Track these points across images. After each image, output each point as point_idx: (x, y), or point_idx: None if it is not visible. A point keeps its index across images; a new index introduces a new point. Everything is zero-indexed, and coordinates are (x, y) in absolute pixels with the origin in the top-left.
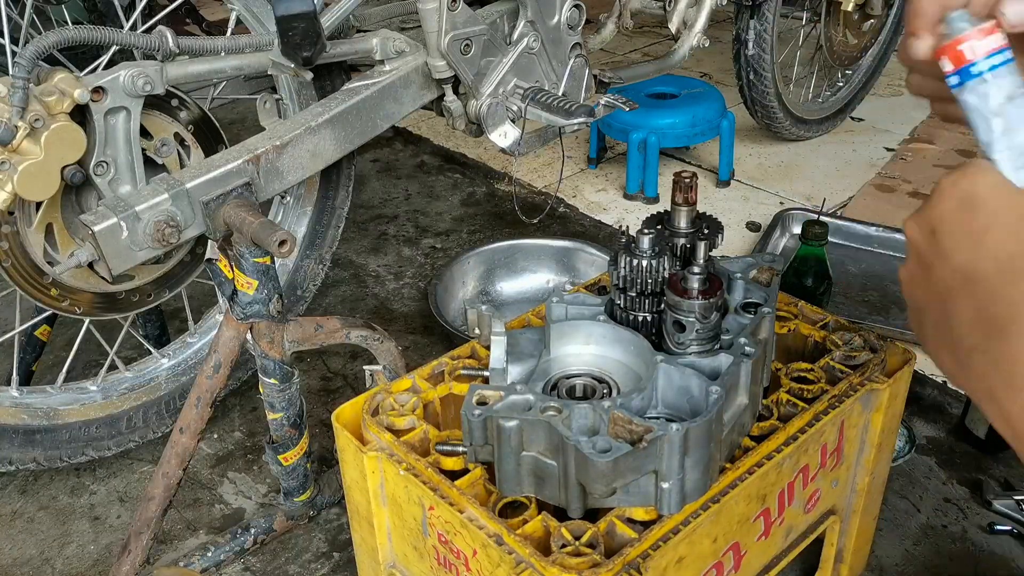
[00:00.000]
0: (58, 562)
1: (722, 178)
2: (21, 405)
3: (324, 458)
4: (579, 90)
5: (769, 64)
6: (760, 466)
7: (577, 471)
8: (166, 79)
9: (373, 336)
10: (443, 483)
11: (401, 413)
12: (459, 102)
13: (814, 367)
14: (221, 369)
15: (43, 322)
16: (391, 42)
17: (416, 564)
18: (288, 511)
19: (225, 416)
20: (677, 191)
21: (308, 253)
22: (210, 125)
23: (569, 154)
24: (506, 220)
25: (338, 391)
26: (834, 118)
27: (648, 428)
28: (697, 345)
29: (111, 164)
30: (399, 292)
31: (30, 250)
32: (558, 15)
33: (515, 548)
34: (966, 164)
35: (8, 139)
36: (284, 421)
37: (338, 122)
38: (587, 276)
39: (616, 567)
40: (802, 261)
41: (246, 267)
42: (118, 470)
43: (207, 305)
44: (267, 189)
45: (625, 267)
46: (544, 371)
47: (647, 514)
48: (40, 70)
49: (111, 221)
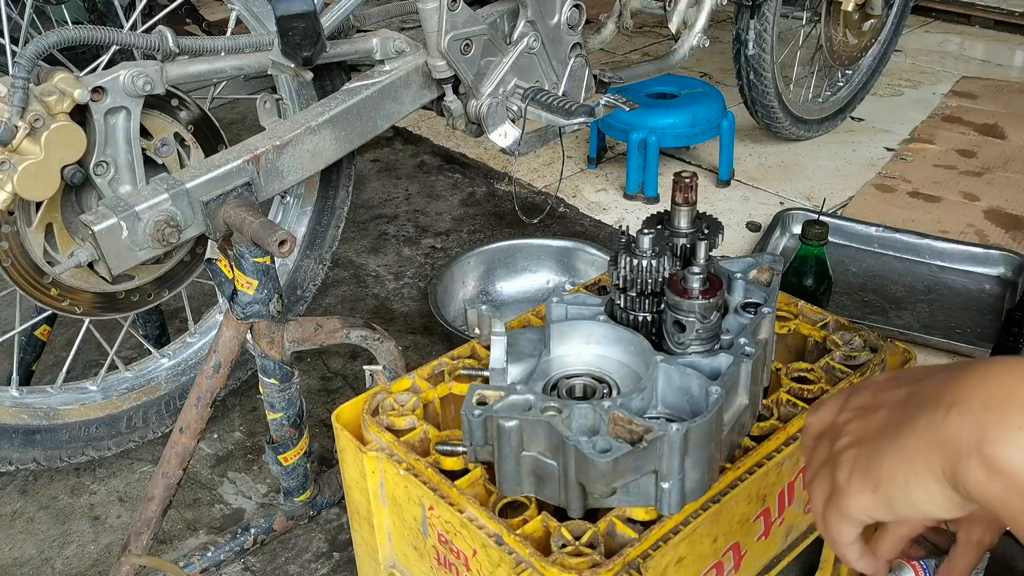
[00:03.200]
0: (58, 562)
1: (722, 178)
2: (21, 405)
3: (324, 458)
4: (579, 90)
5: (769, 64)
6: (760, 466)
7: (577, 471)
8: (166, 79)
9: (373, 336)
10: (443, 483)
11: (401, 413)
12: (459, 102)
13: (814, 367)
14: (221, 369)
15: (43, 322)
16: (391, 42)
17: (416, 564)
18: (288, 511)
19: (225, 416)
20: (677, 191)
21: (308, 253)
22: (210, 125)
23: (569, 154)
24: (506, 220)
25: (338, 391)
26: (834, 118)
27: (648, 428)
28: (697, 345)
29: (111, 164)
30: (399, 292)
31: (30, 250)
32: (558, 15)
33: (515, 548)
34: None
35: (8, 139)
36: (284, 421)
37: (338, 122)
38: (587, 276)
39: (616, 567)
40: (802, 261)
41: (246, 267)
42: (118, 470)
43: (207, 305)
44: (267, 189)
45: (625, 267)
46: (544, 371)
47: (647, 514)
48: (40, 70)
49: (111, 221)
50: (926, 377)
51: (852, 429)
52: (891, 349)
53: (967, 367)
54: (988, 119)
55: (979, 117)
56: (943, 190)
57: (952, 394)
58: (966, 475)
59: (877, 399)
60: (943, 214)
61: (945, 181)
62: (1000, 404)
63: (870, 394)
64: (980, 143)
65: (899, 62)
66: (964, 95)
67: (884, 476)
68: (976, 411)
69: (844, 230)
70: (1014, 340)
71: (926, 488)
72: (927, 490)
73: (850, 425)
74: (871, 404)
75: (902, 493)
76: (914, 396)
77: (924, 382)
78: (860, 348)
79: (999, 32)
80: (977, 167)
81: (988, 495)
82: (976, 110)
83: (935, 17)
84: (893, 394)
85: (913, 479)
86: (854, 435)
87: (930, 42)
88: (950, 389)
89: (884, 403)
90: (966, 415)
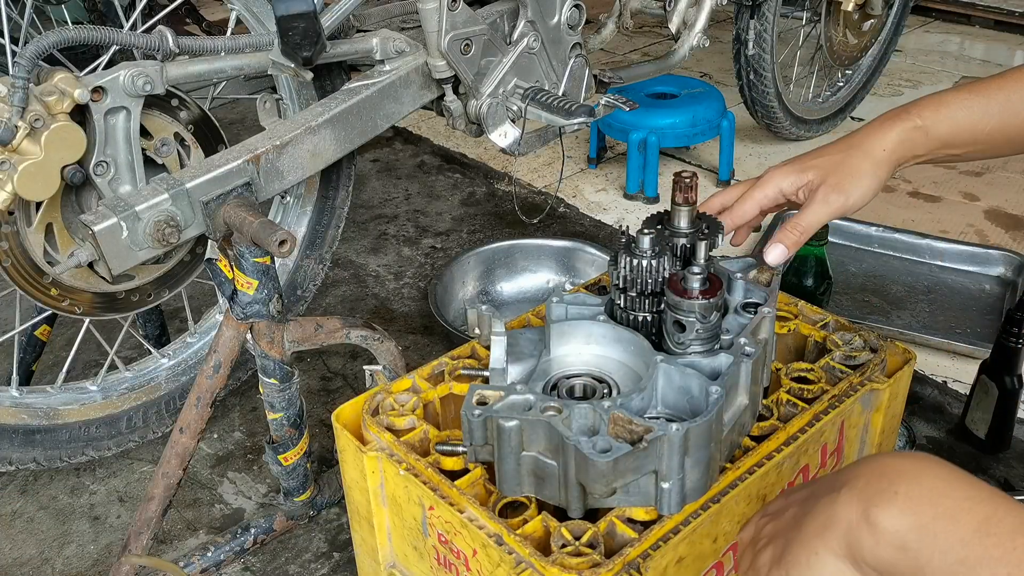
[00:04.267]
0: (58, 562)
1: (722, 178)
2: (21, 405)
3: (324, 458)
4: (579, 90)
5: (769, 64)
6: (760, 466)
7: (577, 471)
8: (166, 79)
9: (373, 336)
10: (443, 483)
11: (401, 413)
12: (459, 102)
13: (814, 367)
14: (221, 369)
15: (43, 322)
16: (391, 42)
17: (416, 564)
18: (288, 511)
19: (225, 416)
20: (677, 191)
21: (308, 253)
22: (210, 125)
23: (569, 154)
24: (506, 220)
25: (338, 391)
26: (834, 118)
27: (648, 428)
28: (697, 345)
29: (111, 164)
30: (399, 292)
31: (30, 250)
32: (558, 15)
33: (515, 548)
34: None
35: (8, 139)
36: (284, 421)
37: (338, 122)
38: (587, 276)
39: (616, 567)
40: (802, 261)
41: (246, 267)
42: (118, 470)
43: (207, 305)
44: (267, 189)
45: (625, 267)
46: (544, 371)
47: (647, 514)
48: (40, 70)
49: (111, 221)
50: (826, 477)
51: (768, 531)
52: (891, 349)
53: (858, 460)
54: None
55: None
56: (943, 190)
57: (842, 479)
58: (858, 544)
59: (788, 501)
60: (943, 214)
61: (945, 181)
62: (880, 476)
63: (783, 499)
64: None
65: (899, 62)
66: None
67: (791, 562)
68: (861, 486)
69: (844, 230)
70: (1014, 340)
71: (824, 566)
72: (825, 568)
73: (767, 528)
74: (783, 507)
75: (807, 574)
76: (815, 491)
77: (823, 480)
78: (860, 348)
79: (999, 32)
80: (977, 167)
81: (880, 559)
82: None
83: (935, 17)
84: (800, 494)
85: (813, 558)
86: (770, 535)
87: (930, 42)
88: (840, 476)
89: (792, 503)
90: (853, 492)
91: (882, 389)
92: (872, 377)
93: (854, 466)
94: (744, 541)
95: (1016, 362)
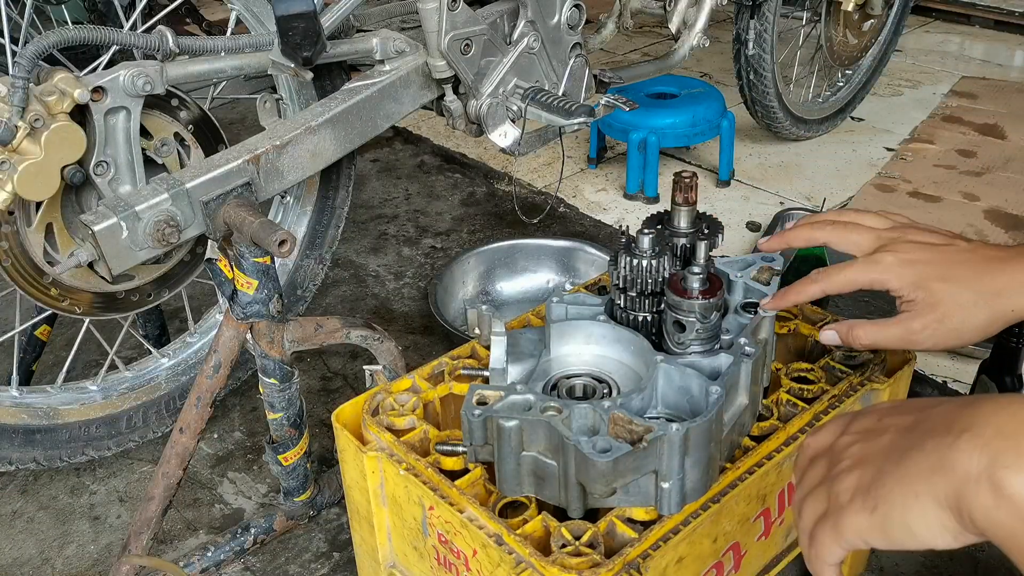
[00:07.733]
0: (58, 562)
1: (722, 178)
2: (21, 405)
3: (324, 458)
4: (579, 90)
5: (769, 64)
6: (760, 466)
7: (577, 471)
8: (166, 79)
9: (373, 336)
10: (443, 483)
11: (401, 413)
12: (459, 102)
13: (814, 367)
14: (221, 369)
15: (43, 322)
16: (391, 42)
17: (416, 564)
18: (288, 511)
19: (225, 416)
20: (677, 191)
21: (308, 253)
22: (210, 125)
23: (569, 154)
24: (506, 220)
25: (338, 391)
26: (834, 118)
27: (648, 428)
28: (697, 345)
29: (111, 164)
30: (399, 292)
31: (30, 250)
32: (558, 15)
33: (515, 548)
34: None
35: (8, 139)
36: (284, 421)
37: (338, 122)
38: (587, 276)
39: (616, 567)
40: (802, 261)
41: (246, 267)
42: (118, 470)
43: (207, 305)
44: (267, 189)
45: (625, 267)
46: (544, 371)
47: (647, 514)
48: (40, 70)
49: (111, 221)
50: (934, 406)
51: (855, 452)
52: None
53: (979, 399)
54: (988, 119)
55: (979, 117)
56: (943, 190)
57: (964, 422)
58: (972, 500)
59: (883, 423)
60: (943, 214)
61: (945, 181)
62: (1013, 434)
63: (875, 419)
64: (980, 143)
65: (899, 62)
66: (964, 95)
67: (884, 497)
68: (988, 438)
69: None
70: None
71: (925, 512)
72: (925, 514)
73: (852, 448)
74: (876, 428)
75: (900, 515)
76: (922, 423)
77: (932, 410)
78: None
79: (999, 32)
80: (977, 167)
81: (993, 522)
82: (976, 110)
83: (935, 17)
84: (900, 419)
85: (913, 501)
86: (856, 457)
87: (930, 42)
88: (961, 417)
89: (890, 427)
90: (977, 440)
91: (882, 389)
92: (872, 377)
93: (978, 406)
94: (811, 451)
95: (1016, 362)
